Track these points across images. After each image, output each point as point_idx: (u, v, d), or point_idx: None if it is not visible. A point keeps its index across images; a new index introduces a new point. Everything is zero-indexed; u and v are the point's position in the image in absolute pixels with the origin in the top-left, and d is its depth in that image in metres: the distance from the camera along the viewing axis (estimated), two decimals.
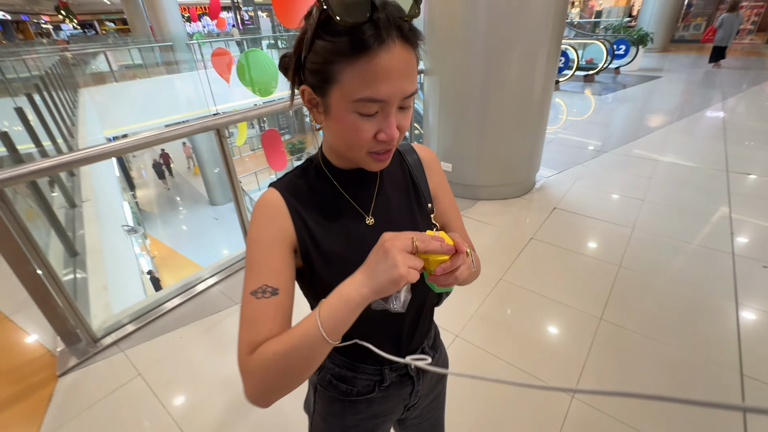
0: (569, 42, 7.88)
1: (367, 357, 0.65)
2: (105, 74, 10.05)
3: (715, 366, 1.57)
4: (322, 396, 0.71)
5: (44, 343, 1.86)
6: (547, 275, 2.17)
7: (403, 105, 0.49)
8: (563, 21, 2.61)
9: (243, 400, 1.50)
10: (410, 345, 0.69)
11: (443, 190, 0.70)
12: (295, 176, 0.60)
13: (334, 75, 0.46)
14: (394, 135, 0.49)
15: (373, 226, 0.60)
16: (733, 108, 5.33)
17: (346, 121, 0.48)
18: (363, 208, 0.61)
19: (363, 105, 0.46)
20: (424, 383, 0.73)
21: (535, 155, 2.98)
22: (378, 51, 0.43)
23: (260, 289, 0.50)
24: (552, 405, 1.45)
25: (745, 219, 2.59)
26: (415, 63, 0.48)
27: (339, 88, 0.47)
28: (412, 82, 0.48)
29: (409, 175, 0.67)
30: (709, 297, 1.94)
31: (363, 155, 0.52)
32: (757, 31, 14.06)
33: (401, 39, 0.45)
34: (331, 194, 0.59)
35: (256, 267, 0.52)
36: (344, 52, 0.44)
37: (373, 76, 0.44)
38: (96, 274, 2.43)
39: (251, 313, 0.50)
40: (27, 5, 22.93)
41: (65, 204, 3.30)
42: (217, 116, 1.95)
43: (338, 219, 0.59)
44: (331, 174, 0.60)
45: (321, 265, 0.57)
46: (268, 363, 0.46)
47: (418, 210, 0.65)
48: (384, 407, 0.70)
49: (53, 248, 2.48)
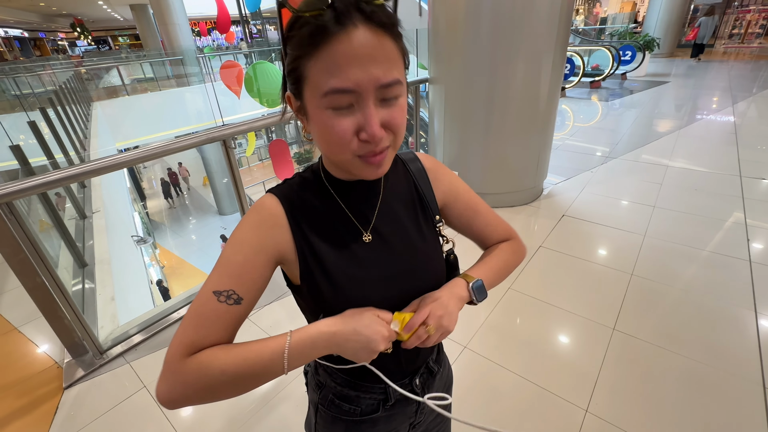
0: (574, 49, 7.87)
1: (370, 375, 0.61)
2: (117, 88, 10.30)
3: (735, 378, 1.51)
4: (323, 416, 0.68)
5: (51, 355, 1.87)
6: (557, 284, 2.12)
7: (384, 96, 0.44)
8: (568, 27, 2.60)
9: (248, 414, 1.48)
10: (415, 361, 0.66)
11: (457, 193, 0.67)
12: (295, 185, 0.57)
13: (303, 72, 0.44)
14: (376, 132, 0.44)
15: (370, 244, 0.57)
16: (743, 112, 5.24)
17: (322, 120, 0.45)
18: (363, 224, 0.57)
19: (333, 98, 0.43)
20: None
21: (542, 162, 2.95)
22: (338, 36, 0.41)
23: (226, 293, 0.48)
24: (566, 419, 1.40)
25: (762, 225, 2.51)
26: (390, 48, 0.43)
27: (309, 86, 0.44)
28: (387, 70, 0.43)
29: (414, 186, 0.63)
30: (727, 306, 1.87)
31: (350, 159, 0.47)
32: (765, 35, 13.93)
33: (365, 21, 0.41)
34: (330, 206, 0.56)
35: (230, 269, 0.49)
36: (306, 45, 0.42)
37: (336, 63, 0.41)
38: (104, 284, 2.44)
39: (205, 313, 0.47)
40: (44, 23, 23.73)
41: (75, 215, 3.35)
42: (223, 127, 1.96)
43: (336, 232, 0.56)
44: (330, 185, 0.57)
45: (323, 280, 0.54)
46: (211, 379, 0.44)
47: (424, 224, 0.62)
48: (389, 427, 0.68)
49: (63, 259, 2.51)
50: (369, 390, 0.64)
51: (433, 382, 0.70)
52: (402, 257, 0.58)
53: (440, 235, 0.64)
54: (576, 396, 1.48)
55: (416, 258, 0.60)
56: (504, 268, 0.67)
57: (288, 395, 1.56)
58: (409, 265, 0.59)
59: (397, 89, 0.45)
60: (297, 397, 1.55)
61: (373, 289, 0.55)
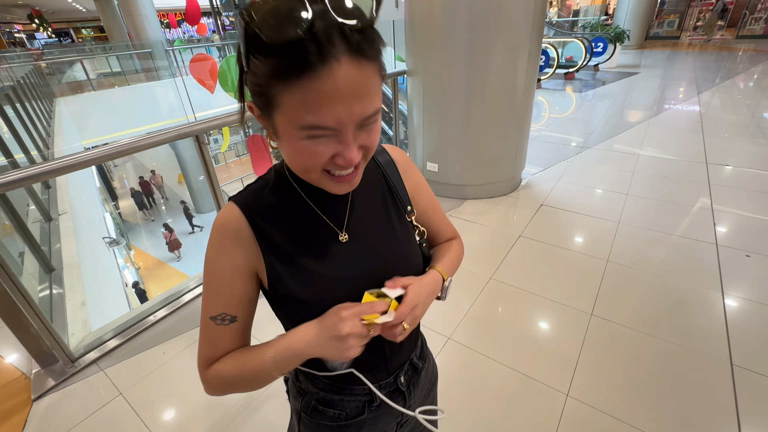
0: (549, 41, 8.00)
1: (353, 378, 0.60)
2: (82, 83, 9.79)
3: (705, 357, 1.58)
4: (307, 424, 0.65)
5: (18, 366, 1.77)
6: (537, 273, 2.17)
7: (363, 125, 0.42)
8: (543, 19, 2.63)
9: (229, 418, 1.46)
10: (399, 358, 0.65)
11: (420, 189, 0.67)
12: (258, 188, 0.54)
13: (273, 99, 0.40)
14: (353, 159, 0.43)
15: (347, 243, 0.55)
16: (708, 102, 5.47)
17: (296, 145, 0.42)
18: (336, 223, 0.55)
19: (310, 132, 0.40)
20: (415, 397, 0.69)
21: (519, 153, 2.99)
22: (319, 71, 0.36)
23: (220, 317, 0.52)
24: (548, 404, 1.44)
25: (726, 209, 2.64)
26: (373, 78, 0.40)
27: (282, 114, 0.40)
28: (370, 102, 0.41)
29: (384, 179, 0.61)
30: (696, 288, 1.96)
31: (319, 176, 0.46)
32: (726, 27, 14.54)
33: (350, 53, 0.37)
34: (300, 208, 0.54)
35: (215, 295, 0.52)
36: (278, 75, 0.37)
37: (316, 101, 0.38)
38: (73, 289, 2.33)
39: (210, 335, 0.54)
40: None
41: (40, 218, 3.18)
42: (195, 122, 1.89)
43: (309, 235, 0.54)
44: (298, 186, 0.54)
45: (294, 284, 0.52)
46: (224, 383, 0.54)
47: (396, 216, 0.61)
48: (375, 428, 0.66)
49: (27, 264, 2.38)
50: (352, 392, 0.62)
51: (418, 379, 0.69)
52: (380, 253, 0.57)
53: (413, 225, 0.64)
54: (557, 381, 1.52)
55: (394, 252, 0.59)
56: (457, 265, 0.68)
57: (270, 396, 1.53)
58: (388, 258, 0.58)
59: (376, 116, 0.43)
60: (280, 398, 1.52)
61: (353, 288, 0.54)
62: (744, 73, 7.55)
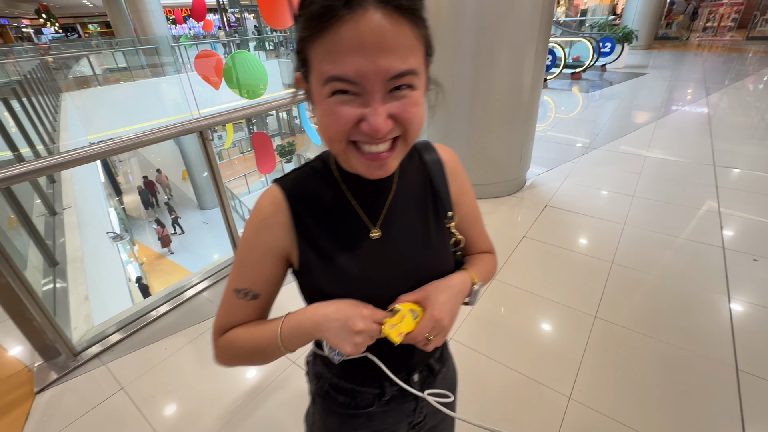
0: (556, 40, 7.94)
1: (366, 368, 0.59)
2: (88, 78, 9.85)
3: (710, 361, 1.56)
4: (319, 408, 0.67)
5: (21, 359, 1.78)
6: (541, 274, 2.15)
7: (393, 88, 0.40)
8: (551, 18, 2.60)
9: (230, 413, 1.45)
10: (415, 358, 0.63)
11: (465, 195, 0.63)
12: (303, 175, 0.55)
13: (307, 55, 0.41)
14: (379, 125, 0.39)
15: (378, 241, 0.54)
16: (716, 103, 5.41)
17: (324, 106, 0.41)
18: (371, 218, 0.54)
19: (334, 86, 0.39)
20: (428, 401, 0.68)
21: (525, 153, 2.97)
22: (345, 19, 0.36)
23: (243, 291, 0.54)
24: (550, 406, 1.43)
25: (733, 213, 2.60)
26: (406, 33, 0.39)
27: (313, 73, 0.41)
28: (399, 59, 0.38)
29: (428, 180, 0.59)
30: (702, 291, 1.94)
31: (344, 148, 0.43)
32: (737, 28, 14.38)
33: (378, 3, 0.36)
34: (339, 199, 0.54)
35: (245, 270, 0.54)
36: (310, 26, 0.38)
37: (338, 49, 0.37)
38: (77, 283, 2.34)
39: (230, 306, 0.55)
40: (6, 8, 22.43)
41: (44, 212, 3.19)
42: (199, 118, 1.89)
43: (343, 228, 0.53)
44: (339, 174, 0.54)
45: (322, 276, 0.53)
46: (234, 352, 0.55)
47: (434, 220, 0.58)
48: (385, 423, 0.65)
49: (31, 258, 2.39)
50: (364, 383, 0.62)
51: (434, 381, 0.67)
52: (410, 256, 0.56)
53: (450, 232, 0.60)
54: (560, 383, 1.50)
55: (426, 257, 0.57)
56: (489, 277, 0.67)
57: (272, 392, 1.53)
58: (419, 263, 0.56)
59: (409, 79, 0.40)
60: (281, 394, 1.52)
61: (378, 288, 0.53)
62: (754, 75, 7.46)
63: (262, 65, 3.92)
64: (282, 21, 3.00)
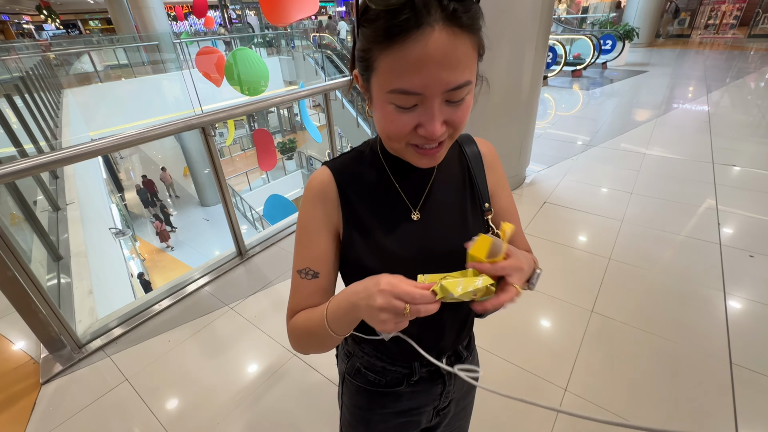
0: (557, 37, 7.92)
1: (398, 348, 0.61)
2: (90, 74, 9.84)
3: (704, 355, 1.58)
4: (349, 387, 0.69)
5: (27, 351, 1.81)
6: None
7: (450, 98, 0.43)
8: (551, 15, 2.61)
9: (233, 405, 1.48)
10: (447, 343, 0.65)
11: (501, 190, 0.66)
12: (350, 158, 0.59)
13: (372, 63, 0.44)
14: (436, 132, 0.44)
15: (418, 222, 0.57)
16: (717, 101, 5.41)
17: (385, 111, 0.45)
18: (412, 201, 0.58)
19: (398, 97, 0.43)
20: (456, 385, 0.70)
21: (524, 150, 2.98)
22: (413, 37, 0.39)
23: (304, 271, 0.56)
24: (545, 398, 1.45)
25: (731, 210, 2.62)
26: (466, 49, 0.41)
27: (376, 77, 0.44)
28: (459, 73, 0.41)
29: (467, 170, 0.62)
30: (698, 287, 1.96)
31: (403, 147, 0.48)
32: (739, 26, 14.32)
33: (446, 21, 0.39)
34: (382, 182, 0.57)
35: (303, 250, 0.57)
36: (378, 39, 0.41)
37: (405, 65, 0.40)
38: (81, 278, 2.37)
39: (297, 286, 0.57)
40: (7, 5, 22.39)
41: (48, 207, 3.22)
42: (201, 114, 1.91)
43: (386, 208, 0.57)
44: (385, 160, 0.58)
45: (364, 252, 0.56)
46: (297, 335, 0.57)
47: (471, 209, 0.61)
48: (412, 404, 0.68)
49: (36, 252, 2.42)
50: (395, 362, 0.65)
51: None
52: (446, 239, 0.58)
53: (487, 225, 0.62)
54: (556, 376, 1.53)
55: (461, 242, 0.56)
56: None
57: (275, 383, 1.56)
58: (453, 247, 0.57)
59: (465, 90, 0.44)
60: (284, 386, 1.55)
61: (415, 267, 0.53)
62: (755, 72, 7.44)
63: (263, 62, 3.93)
64: (283, 18, 3.00)
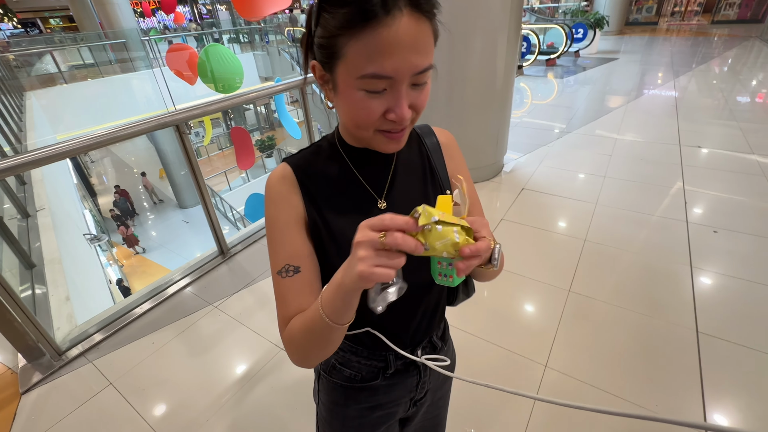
0: (530, 27, 8.04)
1: (372, 342, 0.62)
2: (54, 76, 9.41)
3: (673, 325, 1.68)
4: (325, 384, 0.69)
5: (3, 361, 1.76)
6: (518, 253, 2.24)
7: (416, 82, 0.46)
8: (521, 5, 2.65)
9: (221, 403, 1.49)
10: (420, 333, 0.66)
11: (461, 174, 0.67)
12: (310, 153, 0.59)
13: (338, 50, 0.44)
14: (405, 115, 0.46)
15: (385, 211, 0.57)
16: (684, 86, 5.62)
17: (353, 98, 0.46)
18: (376, 191, 0.58)
19: (369, 82, 0.43)
20: (431, 376, 0.71)
21: (501, 139, 3.04)
22: (383, 22, 0.40)
23: (284, 269, 0.54)
24: (527, 374, 1.51)
25: (697, 189, 2.76)
26: (428, 35, 0.44)
27: (344, 64, 0.44)
28: (425, 57, 0.44)
29: (427, 159, 0.64)
30: (667, 263, 2.06)
31: (372, 134, 0.49)
32: (703, 13, 14.84)
33: (411, 8, 0.41)
34: (344, 174, 0.58)
35: (277, 248, 0.55)
36: (347, 25, 0.41)
37: (378, 50, 0.41)
38: (56, 285, 2.30)
39: (281, 291, 0.54)
40: None
41: (17, 215, 3.09)
42: (175, 111, 1.87)
43: (350, 200, 0.57)
44: (345, 153, 0.58)
45: (330, 245, 0.55)
46: (296, 341, 0.52)
47: (433, 195, 0.62)
48: (389, 397, 0.68)
49: (6, 261, 2.33)
50: (369, 356, 0.65)
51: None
52: None
53: None
54: (536, 353, 1.59)
55: None
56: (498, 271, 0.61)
57: (261, 379, 1.57)
58: None
59: (428, 74, 0.47)
60: (269, 383, 1.56)
61: None
62: (718, 57, 7.76)
63: (237, 58, 3.85)
64: (255, 12, 2.95)
